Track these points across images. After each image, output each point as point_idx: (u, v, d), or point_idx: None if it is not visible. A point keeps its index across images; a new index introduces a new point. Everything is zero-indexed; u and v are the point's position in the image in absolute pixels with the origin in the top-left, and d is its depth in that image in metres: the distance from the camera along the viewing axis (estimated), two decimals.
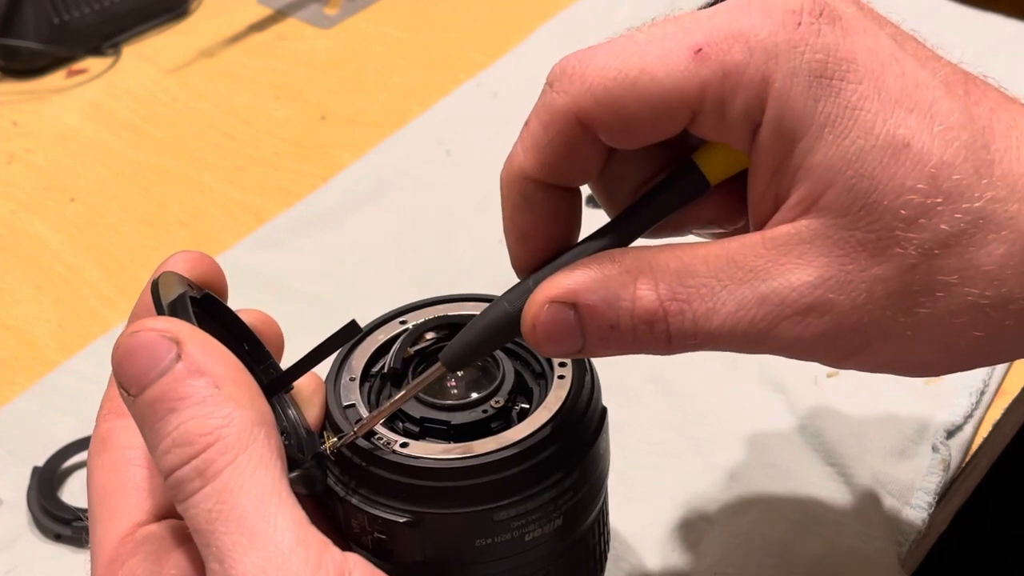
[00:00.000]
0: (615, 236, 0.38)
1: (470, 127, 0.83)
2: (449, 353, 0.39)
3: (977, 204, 0.34)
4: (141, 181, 0.82)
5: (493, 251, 0.72)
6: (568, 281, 0.36)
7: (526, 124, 0.38)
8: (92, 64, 0.94)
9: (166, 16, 0.98)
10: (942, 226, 0.34)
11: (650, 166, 0.39)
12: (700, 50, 0.34)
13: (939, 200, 0.34)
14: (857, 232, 0.34)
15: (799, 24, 0.34)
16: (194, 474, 0.34)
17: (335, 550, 0.34)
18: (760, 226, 0.36)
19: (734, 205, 0.39)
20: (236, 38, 0.96)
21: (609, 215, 0.40)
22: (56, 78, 0.93)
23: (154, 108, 0.89)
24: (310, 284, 0.71)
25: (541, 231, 0.38)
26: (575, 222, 0.39)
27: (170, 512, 0.38)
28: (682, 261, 0.36)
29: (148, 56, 0.95)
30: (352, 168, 0.81)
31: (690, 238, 0.40)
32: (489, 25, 0.95)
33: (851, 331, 0.35)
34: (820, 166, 0.34)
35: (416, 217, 0.76)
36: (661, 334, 0.36)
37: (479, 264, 0.71)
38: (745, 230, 0.40)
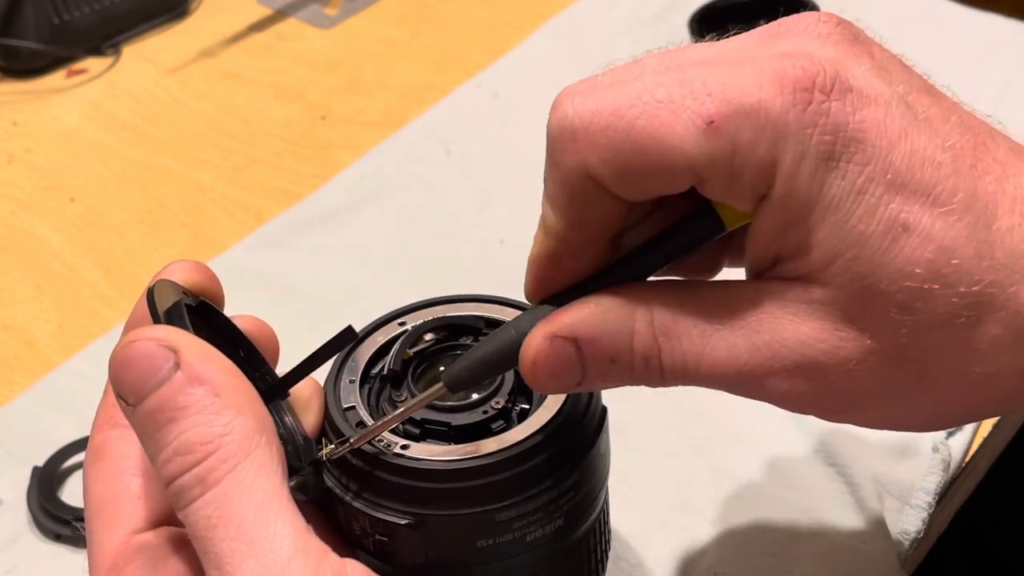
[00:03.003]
0: (626, 275, 0.38)
1: (470, 127, 0.83)
2: (452, 375, 0.39)
3: (975, 288, 0.34)
4: (141, 181, 0.82)
5: (493, 251, 0.73)
6: (569, 317, 0.36)
7: (545, 182, 0.37)
8: (92, 64, 0.94)
9: (166, 16, 0.98)
10: (938, 309, 0.34)
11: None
12: (712, 122, 0.34)
13: (936, 286, 0.34)
14: (852, 308, 0.34)
15: (809, 103, 0.34)
16: (195, 481, 0.34)
17: (334, 557, 0.34)
18: (755, 274, 0.37)
19: (722, 255, 0.40)
20: (236, 38, 0.96)
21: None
22: (56, 78, 0.93)
23: (154, 108, 0.90)
24: (310, 284, 0.71)
25: (561, 276, 0.38)
26: (599, 263, 0.39)
27: (167, 520, 0.38)
28: (678, 299, 0.36)
29: (148, 56, 0.95)
30: (352, 168, 0.81)
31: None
32: (489, 25, 0.95)
33: (839, 393, 0.35)
34: (821, 245, 0.34)
35: (416, 217, 0.76)
36: (655, 369, 0.36)
37: (479, 264, 0.71)
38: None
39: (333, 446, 0.39)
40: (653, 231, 0.38)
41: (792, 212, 0.34)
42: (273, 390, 0.40)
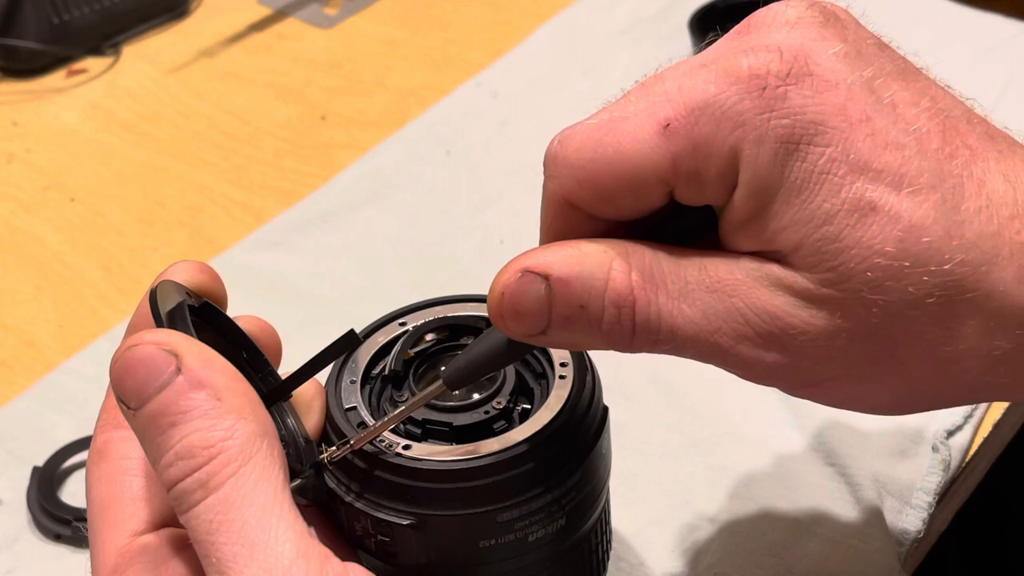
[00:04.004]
0: None
1: (470, 127, 0.83)
2: (450, 372, 0.39)
3: (946, 267, 0.34)
4: (141, 181, 0.82)
5: (493, 251, 0.73)
6: (545, 254, 0.36)
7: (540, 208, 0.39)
8: (92, 64, 0.94)
9: (166, 16, 0.98)
10: (909, 288, 0.34)
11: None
12: (668, 125, 0.34)
13: (907, 264, 0.34)
14: (824, 289, 0.34)
15: (764, 89, 0.34)
16: (196, 486, 0.34)
17: (336, 561, 0.34)
18: None
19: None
20: (236, 38, 0.96)
21: None
22: (56, 78, 0.93)
23: (154, 108, 0.90)
24: (310, 284, 0.71)
25: None
26: None
27: (169, 521, 0.38)
28: (656, 256, 0.36)
29: (148, 56, 0.95)
30: (352, 168, 0.81)
31: None
32: (489, 25, 0.95)
33: (808, 368, 0.35)
34: (789, 228, 0.34)
35: (416, 217, 0.76)
36: (627, 322, 0.36)
37: (479, 264, 0.71)
38: None
39: (334, 448, 0.40)
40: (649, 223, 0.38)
41: (758, 199, 0.34)
42: (275, 392, 0.40)
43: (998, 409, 0.60)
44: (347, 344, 0.40)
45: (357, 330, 0.42)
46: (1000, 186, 0.35)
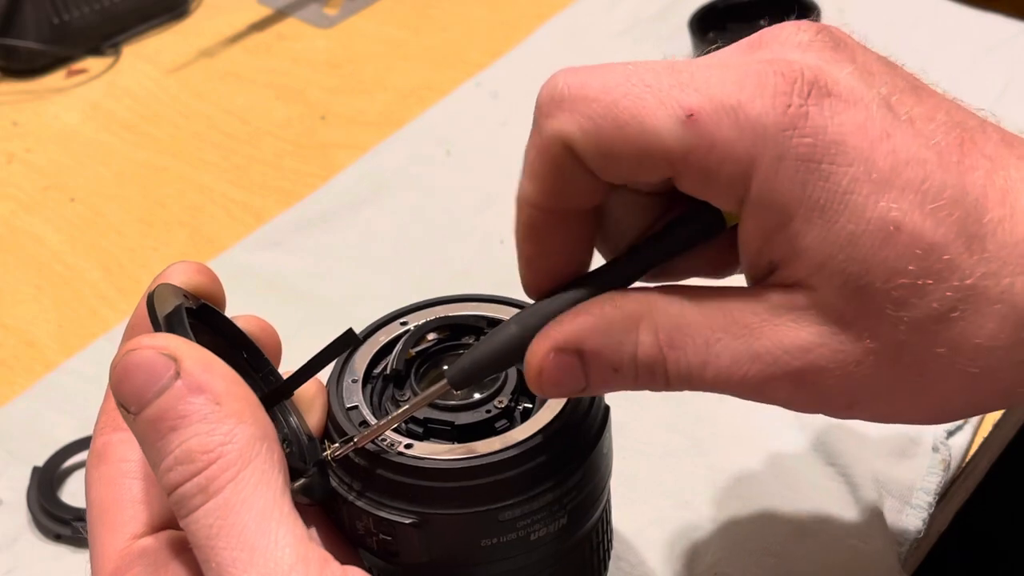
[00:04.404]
0: (622, 272, 0.38)
1: (470, 127, 0.83)
2: (455, 372, 0.39)
3: (968, 281, 0.34)
4: (141, 181, 0.82)
5: (493, 251, 0.73)
6: (572, 328, 0.36)
7: (526, 152, 0.38)
8: (92, 64, 0.94)
9: (166, 16, 0.99)
10: (933, 304, 0.34)
11: (654, 213, 0.39)
12: (692, 115, 0.34)
13: (930, 281, 0.34)
14: (849, 310, 0.34)
15: (788, 106, 0.34)
16: (196, 490, 0.34)
17: (335, 565, 0.34)
18: (754, 280, 0.37)
19: (731, 254, 0.40)
20: (236, 38, 0.96)
21: (605, 258, 0.40)
22: (56, 78, 0.93)
23: (154, 108, 0.90)
24: (310, 284, 0.72)
25: (549, 256, 0.39)
26: (586, 244, 0.39)
27: (168, 523, 0.38)
28: (680, 309, 0.36)
29: (148, 56, 0.95)
30: (352, 168, 0.81)
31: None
32: (489, 25, 0.95)
33: (843, 394, 0.36)
34: (811, 249, 0.34)
35: (416, 217, 0.76)
36: (660, 378, 0.36)
37: (479, 264, 0.71)
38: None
39: (337, 445, 0.40)
40: (657, 228, 0.38)
41: (775, 216, 0.34)
42: (276, 392, 0.40)
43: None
44: (346, 343, 0.40)
45: (357, 330, 0.42)
46: (1023, 194, 0.35)
